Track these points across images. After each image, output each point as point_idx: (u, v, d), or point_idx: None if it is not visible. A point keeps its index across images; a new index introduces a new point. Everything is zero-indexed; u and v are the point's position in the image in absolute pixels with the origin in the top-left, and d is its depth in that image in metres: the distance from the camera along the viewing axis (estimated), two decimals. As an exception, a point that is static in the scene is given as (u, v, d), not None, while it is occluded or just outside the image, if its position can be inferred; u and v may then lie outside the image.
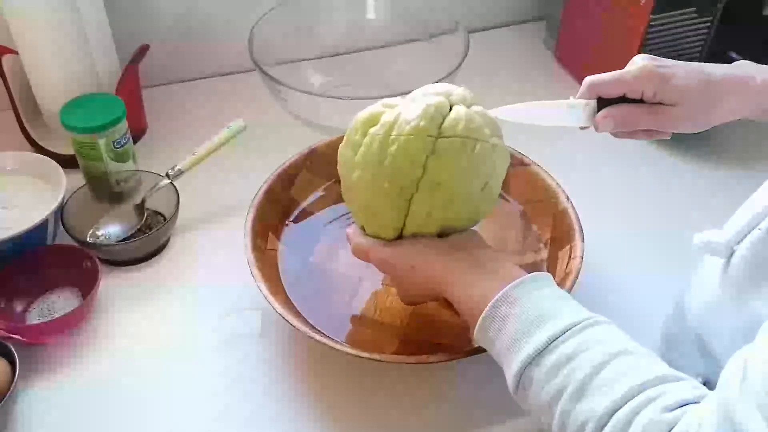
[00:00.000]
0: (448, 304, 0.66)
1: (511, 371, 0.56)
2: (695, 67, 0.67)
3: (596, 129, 0.68)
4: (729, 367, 0.46)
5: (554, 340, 0.54)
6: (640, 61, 0.67)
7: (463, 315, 0.63)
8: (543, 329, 0.55)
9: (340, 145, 0.69)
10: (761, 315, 0.53)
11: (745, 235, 0.56)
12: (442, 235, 0.67)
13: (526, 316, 0.56)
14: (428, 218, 0.65)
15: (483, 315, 0.58)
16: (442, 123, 0.64)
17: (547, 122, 0.69)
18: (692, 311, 0.64)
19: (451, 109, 0.65)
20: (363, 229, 0.70)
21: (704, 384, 0.60)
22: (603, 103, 0.68)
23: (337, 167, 0.70)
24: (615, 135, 0.70)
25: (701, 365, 0.61)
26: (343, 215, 0.88)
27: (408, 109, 0.65)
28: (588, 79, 0.68)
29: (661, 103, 0.66)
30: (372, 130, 0.65)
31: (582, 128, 0.70)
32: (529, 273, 0.61)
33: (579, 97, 0.69)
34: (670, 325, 0.69)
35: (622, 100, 0.67)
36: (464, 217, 0.67)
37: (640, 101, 0.67)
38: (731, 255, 0.57)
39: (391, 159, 0.63)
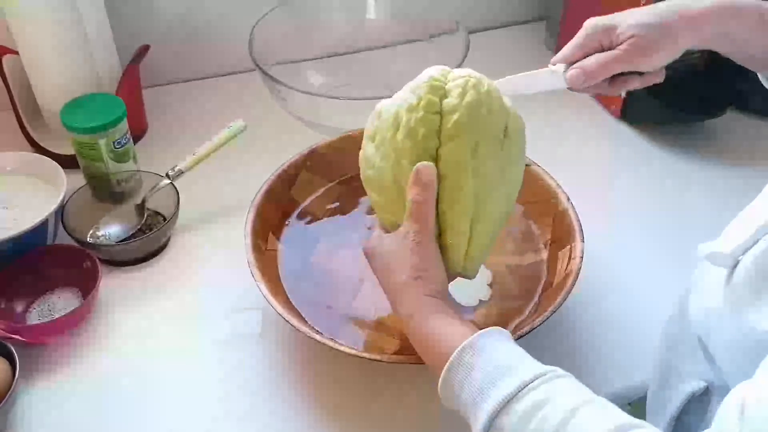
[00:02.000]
0: None
1: (479, 421, 0.54)
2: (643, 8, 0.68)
3: (570, 86, 0.69)
4: (726, 404, 0.45)
5: (524, 387, 0.52)
6: (587, 23, 0.69)
7: (427, 355, 0.61)
8: (512, 377, 0.53)
9: (360, 154, 0.69)
10: (756, 327, 0.53)
11: (751, 246, 0.55)
12: (479, 209, 0.64)
13: (494, 365, 0.55)
14: (460, 172, 0.63)
15: (447, 366, 0.56)
16: (444, 80, 0.65)
17: (533, 90, 0.71)
18: (694, 315, 0.64)
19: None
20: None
21: (706, 388, 0.60)
22: None
23: (360, 171, 0.69)
24: (588, 91, 0.71)
25: (702, 367, 0.61)
26: (344, 215, 0.88)
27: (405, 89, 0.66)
28: (554, 59, 0.70)
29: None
30: (382, 106, 0.67)
31: (570, 89, 0.70)
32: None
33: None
34: (671, 325, 0.69)
35: None
36: (495, 170, 0.64)
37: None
38: (736, 265, 0.56)
39: (407, 117, 0.63)
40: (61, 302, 0.81)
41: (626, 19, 0.67)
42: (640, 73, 0.69)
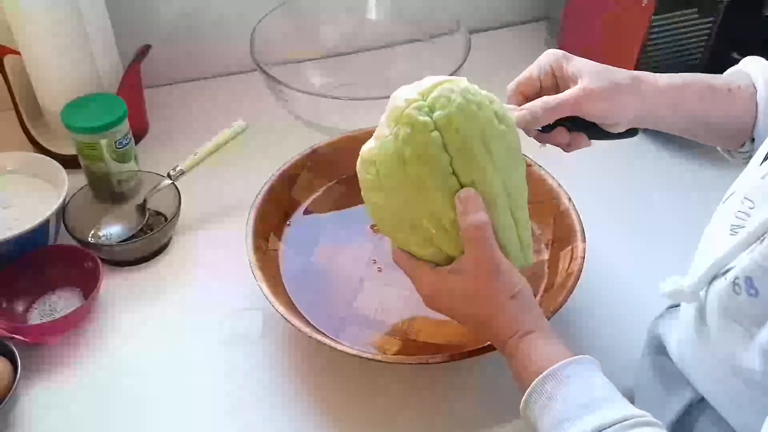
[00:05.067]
0: None
1: None
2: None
3: (517, 125, 0.67)
4: None
5: (604, 429, 0.50)
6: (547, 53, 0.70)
7: (517, 374, 0.59)
8: (590, 415, 0.51)
9: (364, 204, 0.67)
10: (729, 361, 0.53)
11: (710, 281, 0.55)
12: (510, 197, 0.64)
13: (574, 400, 0.53)
14: (483, 172, 0.62)
15: (528, 391, 0.55)
16: (420, 97, 0.62)
17: None
18: (670, 344, 0.64)
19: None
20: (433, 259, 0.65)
21: (700, 401, 0.60)
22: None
23: (380, 228, 0.67)
24: (539, 139, 0.71)
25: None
26: (345, 215, 0.88)
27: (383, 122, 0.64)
28: (510, 86, 0.70)
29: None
30: (370, 154, 0.64)
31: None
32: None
33: (509, 103, 0.69)
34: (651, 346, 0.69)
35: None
36: (506, 155, 0.64)
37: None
38: (704, 299, 0.56)
39: (410, 149, 0.61)
40: (62, 302, 0.81)
41: (577, 59, 0.68)
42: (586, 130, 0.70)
